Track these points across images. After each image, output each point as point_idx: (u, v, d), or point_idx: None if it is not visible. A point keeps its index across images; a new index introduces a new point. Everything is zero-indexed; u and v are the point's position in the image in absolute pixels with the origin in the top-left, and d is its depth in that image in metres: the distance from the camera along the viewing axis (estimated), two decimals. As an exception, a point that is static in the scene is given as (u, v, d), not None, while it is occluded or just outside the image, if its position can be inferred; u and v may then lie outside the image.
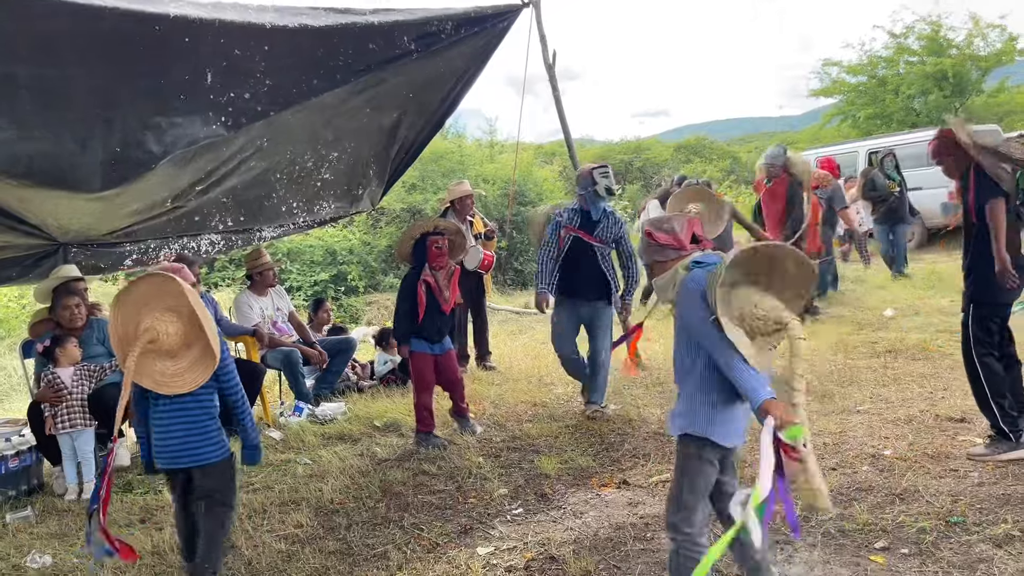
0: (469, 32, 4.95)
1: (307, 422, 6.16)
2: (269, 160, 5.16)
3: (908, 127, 20.71)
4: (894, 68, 23.64)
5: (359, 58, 4.43)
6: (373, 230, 15.04)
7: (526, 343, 8.89)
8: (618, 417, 5.59)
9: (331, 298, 12.99)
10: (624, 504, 4.08)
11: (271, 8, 3.92)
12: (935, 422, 4.85)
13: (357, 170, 6.05)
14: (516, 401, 6.27)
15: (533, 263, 15.80)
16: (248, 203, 5.65)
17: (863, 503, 3.77)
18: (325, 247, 14.10)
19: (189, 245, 6.17)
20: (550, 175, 18.76)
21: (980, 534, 3.34)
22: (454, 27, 4.78)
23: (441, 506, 4.25)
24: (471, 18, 4.89)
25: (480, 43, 5.24)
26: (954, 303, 8.59)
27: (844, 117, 25.56)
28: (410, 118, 5.63)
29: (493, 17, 5.11)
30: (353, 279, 13.83)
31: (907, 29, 23.34)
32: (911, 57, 23.32)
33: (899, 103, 23.01)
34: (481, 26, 5.03)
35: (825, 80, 25.42)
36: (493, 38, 5.30)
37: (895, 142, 15.51)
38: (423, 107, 5.54)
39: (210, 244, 6.18)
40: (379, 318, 12.71)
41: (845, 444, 4.61)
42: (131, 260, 6.08)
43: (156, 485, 4.95)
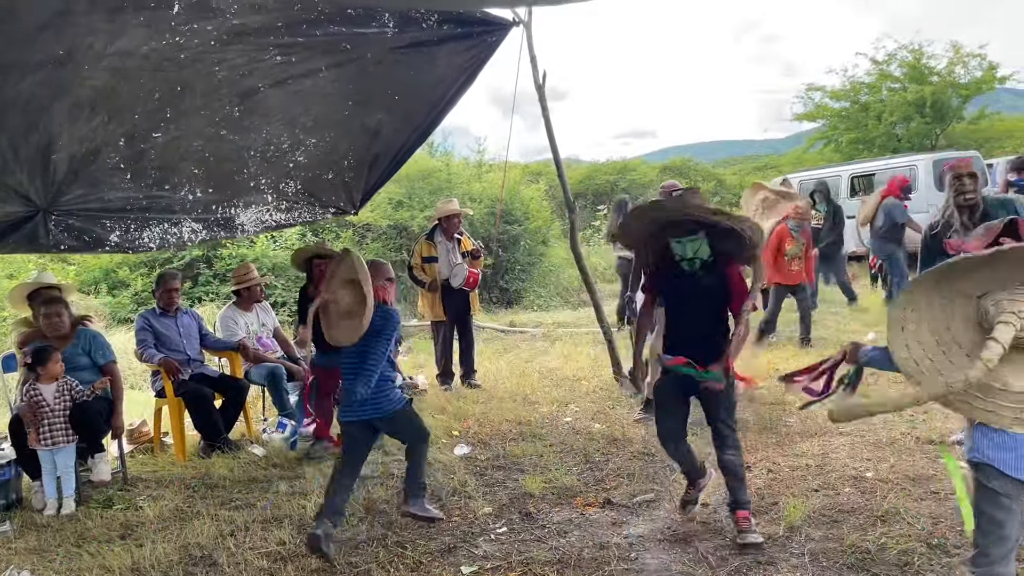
0: (452, 32, 4.94)
1: (291, 439, 6.13)
2: (243, 136, 5.17)
3: (890, 152, 21.01)
4: (876, 94, 24.02)
5: (334, 17, 4.39)
6: (359, 247, 15.02)
7: (511, 361, 8.90)
8: (602, 436, 5.60)
9: (316, 314, 12.94)
10: (608, 524, 4.08)
11: None
12: (916, 444, 4.89)
13: (334, 159, 6.05)
14: (501, 420, 6.26)
15: (519, 281, 15.89)
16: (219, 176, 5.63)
17: (846, 525, 3.79)
18: (309, 259, 14.05)
19: (171, 231, 6.08)
20: (536, 194, 18.83)
21: (961, 556, 3.36)
22: (437, 22, 4.76)
23: (424, 524, 4.23)
24: (457, 18, 4.90)
25: (467, 54, 5.25)
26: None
27: (827, 141, 25.92)
28: (395, 123, 5.64)
29: (480, 26, 5.13)
30: (338, 295, 13.77)
31: (889, 56, 23.76)
32: (893, 84, 23.71)
33: (881, 129, 23.35)
34: (466, 30, 5.03)
35: (809, 105, 25.80)
36: (481, 52, 5.32)
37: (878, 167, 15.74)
38: (408, 113, 5.56)
39: (192, 232, 6.13)
40: (364, 335, 12.67)
41: (828, 466, 4.64)
42: (116, 237, 5.91)
43: (136, 501, 4.91)
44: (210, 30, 4.07)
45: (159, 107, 4.67)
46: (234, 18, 4.03)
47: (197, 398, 5.93)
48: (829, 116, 25.42)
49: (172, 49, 4.12)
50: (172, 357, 6.04)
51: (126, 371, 8.58)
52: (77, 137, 4.61)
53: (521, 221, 16.55)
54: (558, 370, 8.15)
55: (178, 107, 4.73)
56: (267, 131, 5.28)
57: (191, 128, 5.00)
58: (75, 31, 3.67)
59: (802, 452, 4.90)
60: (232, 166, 5.58)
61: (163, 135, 4.93)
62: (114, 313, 12.58)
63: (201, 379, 6.17)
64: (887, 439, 5.02)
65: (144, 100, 4.54)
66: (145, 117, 4.69)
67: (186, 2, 3.78)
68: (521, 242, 16.21)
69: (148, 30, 3.88)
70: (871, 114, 23.73)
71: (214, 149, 5.24)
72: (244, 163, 5.57)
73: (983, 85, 22.50)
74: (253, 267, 6.94)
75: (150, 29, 3.88)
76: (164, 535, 4.28)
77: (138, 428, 6.50)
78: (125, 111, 4.59)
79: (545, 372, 8.13)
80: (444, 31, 4.87)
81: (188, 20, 3.91)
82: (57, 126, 4.40)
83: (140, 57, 4.09)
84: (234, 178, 5.75)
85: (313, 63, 4.77)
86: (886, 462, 4.62)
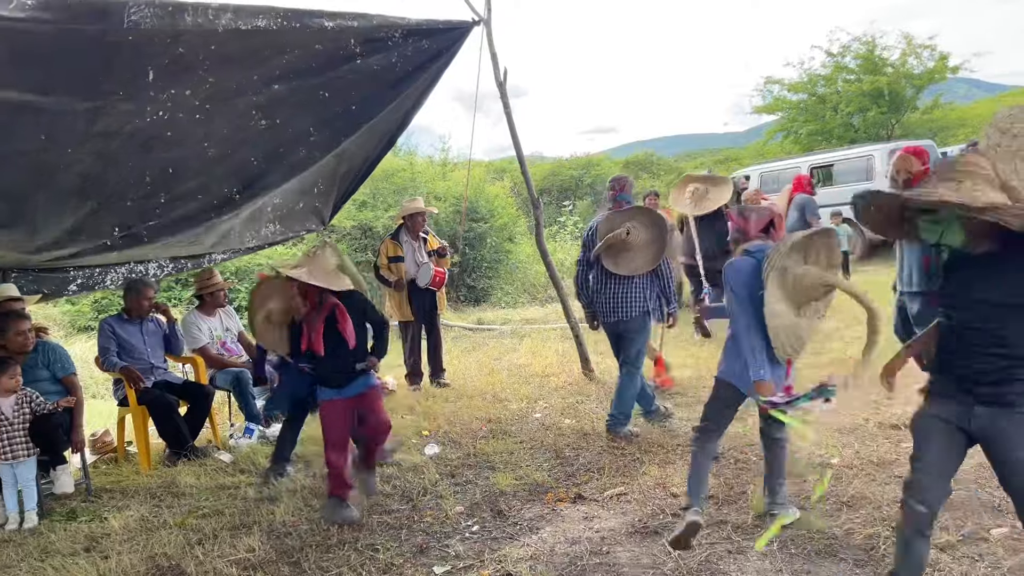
0: (417, 44, 4.92)
1: (258, 444, 6.07)
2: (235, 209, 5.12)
3: (847, 143, 21.35)
4: (832, 86, 24.42)
5: (304, 58, 4.35)
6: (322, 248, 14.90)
7: (480, 359, 8.90)
8: (572, 431, 5.62)
9: (281, 317, 12.81)
10: (580, 518, 4.09)
11: (231, 8, 3.82)
12: (879, 430, 4.98)
13: (305, 189, 6.01)
14: (471, 418, 6.25)
15: (486, 279, 15.88)
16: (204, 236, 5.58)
17: (813, 511, 3.85)
18: (274, 266, 13.91)
19: (136, 269, 6.04)
20: (501, 191, 18.84)
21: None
22: (402, 36, 4.74)
23: (396, 526, 4.21)
24: (422, 29, 4.87)
25: (431, 61, 5.23)
26: (895, 314, 8.85)
27: (786, 133, 26.29)
28: (361, 138, 5.58)
29: (443, 32, 5.12)
30: (303, 297, 13.66)
31: (843, 48, 24.15)
32: (848, 75, 24.10)
33: (838, 120, 23.75)
34: (430, 40, 5.02)
35: (767, 98, 26.16)
36: (445, 56, 5.30)
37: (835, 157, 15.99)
38: (374, 126, 5.50)
39: (159, 268, 6.06)
40: (330, 337, 12.58)
41: (795, 454, 4.70)
42: (75, 285, 5.93)
43: (101, 512, 4.82)
44: (188, 95, 3.99)
45: (152, 192, 4.57)
46: (208, 74, 3.95)
47: (161, 406, 5.84)
48: (787, 108, 25.78)
49: (157, 126, 4.04)
50: (135, 364, 5.93)
51: (87, 380, 8.42)
52: (65, 229, 4.51)
53: (487, 218, 16.55)
54: (527, 367, 8.17)
55: (172, 191, 4.64)
56: (262, 200, 5.20)
57: (187, 212, 4.92)
58: (53, 115, 3.58)
59: (769, 441, 4.96)
60: (218, 235, 5.51)
61: (158, 220, 4.84)
62: (73, 322, 12.35)
63: (165, 386, 6.07)
64: (851, 426, 5.10)
65: (136, 186, 4.44)
66: (138, 204, 4.59)
67: (158, 65, 3.71)
68: (487, 239, 16.21)
69: (129, 104, 3.81)
70: (828, 105, 24.14)
71: (207, 223, 5.16)
72: (232, 228, 5.49)
73: (936, 75, 22.98)
74: (216, 272, 6.84)
75: (130, 103, 3.80)
76: (130, 546, 4.20)
77: (101, 438, 6.38)
78: (115, 198, 4.47)
79: (514, 369, 8.14)
80: (410, 44, 4.84)
81: (165, 86, 3.83)
82: (41, 217, 4.28)
83: (125, 136, 4.00)
84: (219, 237, 5.70)
85: (299, 122, 4.71)
86: (851, 448, 4.70)
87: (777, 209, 3.73)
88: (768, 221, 3.61)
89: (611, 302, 5.45)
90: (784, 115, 26.20)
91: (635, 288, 5.40)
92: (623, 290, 5.42)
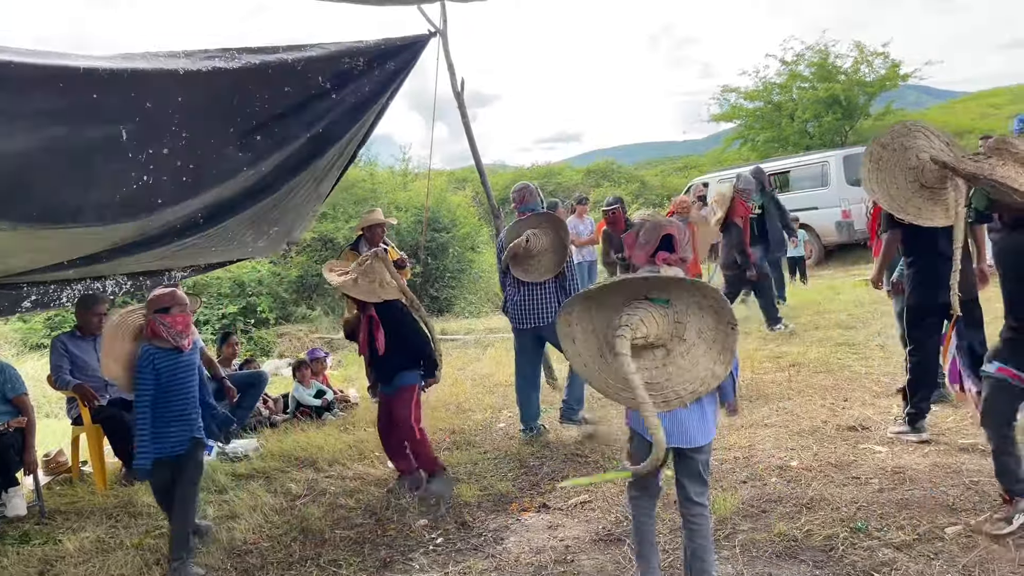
0: (383, 67, 4.94)
1: (217, 461, 5.97)
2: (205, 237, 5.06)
3: (803, 149, 21.74)
4: (788, 94, 24.84)
5: (275, 102, 4.34)
6: (283, 260, 14.75)
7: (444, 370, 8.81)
8: (536, 440, 5.62)
9: (241, 331, 12.65)
10: (544, 528, 4.09)
11: (181, 54, 3.79)
12: (837, 432, 5.06)
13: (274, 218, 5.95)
14: (434, 429, 6.22)
15: (449, 288, 15.85)
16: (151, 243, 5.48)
17: (773, 514, 3.89)
18: (233, 279, 13.74)
19: (93, 286, 5.91)
20: (463, 201, 18.83)
21: (882, 539, 3.50)
22: (367, 62, 4.76)
23: (359, 540, 4.17)
24: (383, 51, 4.88)
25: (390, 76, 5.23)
26: (851, 316, 9.02)
27: (744, 141, 26.66)
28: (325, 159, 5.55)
29: (403, 48, 5.12)
30: (263, 311, 13.51)
31: (797, 57, 24.59)
32: (803, 83, 24.55)
33: (794, 127, 24.16)
34: (394, 60, 5.03)
35: (725, 106, 26.49)
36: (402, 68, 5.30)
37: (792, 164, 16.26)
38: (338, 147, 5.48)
39: (116, 285, 5.94)
40: (292, 350, 12.44)
41: (754, 457, 4.76)
42: (29, 302, 5.78)
43: (55, 534, 4.70)
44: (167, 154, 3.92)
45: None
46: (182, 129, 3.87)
47: (116, 424, 5.71)
48: (744, 116, 26.16)
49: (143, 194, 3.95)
50: (89, 382, 5.80)
51: (40, 399, 8.23)
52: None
53: (449, 228, 16.53)
54: (491, 376, 8.16)
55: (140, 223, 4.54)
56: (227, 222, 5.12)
57: (150, 236, 4.81)
58: None
59: (730, 445, 5.01)
60: (181, 255, 5.43)
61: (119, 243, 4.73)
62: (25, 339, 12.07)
63: (120, 403, 5.93)
64: (809, 428, 5.18)
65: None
66: None
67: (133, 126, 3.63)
68: (449, 249, 16.19)
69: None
70: (784, 113, 24.56)
71: (169, 246, 5.07)
72: (196, 248, 5.40)
73: (887, 82, 23.50)
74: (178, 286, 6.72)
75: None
76: (85, 569, 4.10)
77: (55, 458, 6.23)
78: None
79: (478, 379, 8.12)
80: (375, 69, 4.86)
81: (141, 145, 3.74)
82: None
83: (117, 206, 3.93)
84: (182, 257, 5.61)
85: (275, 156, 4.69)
86: (809, 450, 4.76)
87: (678, 224, 3.04)
88: (656, 244, 2.92)
89: (526, 308, 5.60)
90: (741, 123, 26.58)
91: (547, 293, 5.55)
92: (535, 296, 5.57)
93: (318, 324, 13.79)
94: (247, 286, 13.84)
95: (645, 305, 2.52)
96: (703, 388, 2.60)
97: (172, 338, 3.88)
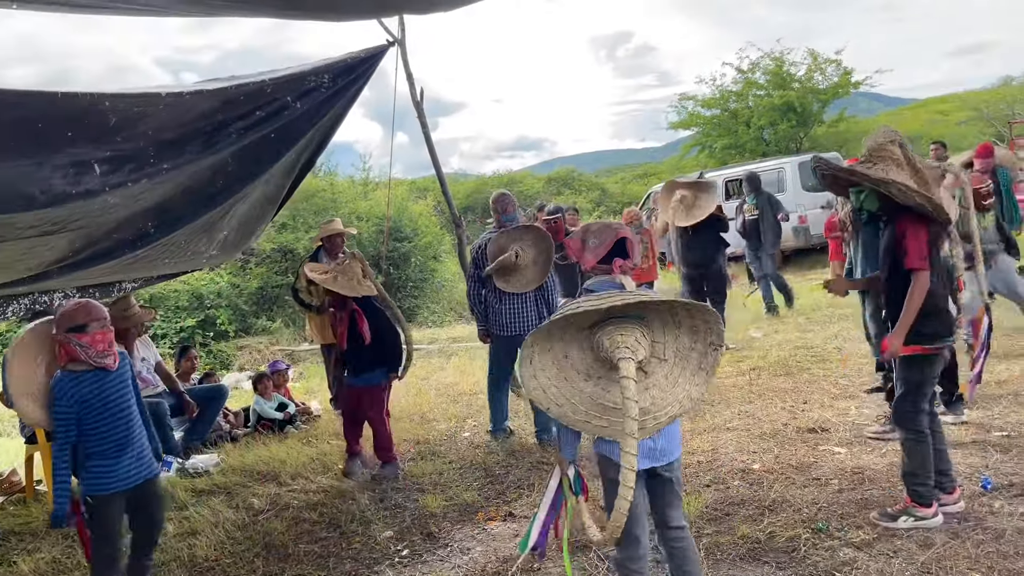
0: (345, 81, 4.99)
1: (177, 477, 5.85)
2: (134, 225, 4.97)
3: (760, 156, 22.11)
4: (744, 101, 25.24)
5: (245, 121, 4.37)
6: (242, 272, 14.57)
7: (407, 380, 8.75)
8: (501, 448, 5.61)
9: (199, 344, 12.45)
10: (510, 536, 4.09)
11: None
12: (797, 434, 5.14)
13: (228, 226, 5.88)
14: (399, 440, 6.16)
15: (412, 298, 15.78)
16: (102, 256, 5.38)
17: (736, 517, 3.94)
18: (191, 291, 13.53)
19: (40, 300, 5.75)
20: (425, 210, 18.78)
21: (843, 539, 3.56)
22: (331, 79, 4.81)
23: (324, 555, 4.12)
24: (347, 66, 4.93)
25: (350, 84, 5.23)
26: (809, 320, 9.18)
27: (702, 148, 27.04)
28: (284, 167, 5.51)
29: (364, 61, 5.15)
30: (222, 323, 13.32)
31: (753, 65, 25.02)
32: (759, 91, 24.98)
33: (750, 134, 24.56)
34: (355, 73, 5.07)
35: (682, 113, 26.84)
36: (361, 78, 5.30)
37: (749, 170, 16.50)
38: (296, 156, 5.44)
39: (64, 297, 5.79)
40: (252, 363, 12.28)
41: (717, 461, 4.81)
42: None
43: (9, 556, 4.57)
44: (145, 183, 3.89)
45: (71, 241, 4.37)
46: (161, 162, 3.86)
47: (72, 441, 5.57)
48: (702, 124, 26.52)
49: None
50: (42, 400, 5.65)
51: (-9, 418, 8.00)
52: None
53: (411, 237, 16.48)
54: (455, 385, 8.13)
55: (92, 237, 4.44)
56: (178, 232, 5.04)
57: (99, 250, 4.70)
58: None
59: (694, 449, 5.06)
60: (132, 267, 5.33)
61: (71, 259, 4.61)
62: (-25, 356, 11.71)
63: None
64: (771, 431, 5.25)
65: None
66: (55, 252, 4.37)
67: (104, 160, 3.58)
68: (412, 259, 16.13)
69: None
70: (740, 120, 24.95)
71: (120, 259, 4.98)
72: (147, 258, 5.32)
73: (840, 90, 24.04)
74: (133, 301, 6.58)
75: None
76: (40, 592, 4.00)
77: (8, 478, 6.05)
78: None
79: (442, 388, 8.09)
80: (338, 83, 4.87)
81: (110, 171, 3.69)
82: None
83: None
84: (132, 269, 5.51)
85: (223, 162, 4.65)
86: (771, 453, 4.83)
87: (629, 228, 2.93)
88: (610, 247, 2.79)
89: (506, 317, 5.66)
90: (699, 130, 26.95)
91: (528, 303, 5.63)
92: (516, 306, 5.64)
93: (279, 336, 13.63)
94: (206, 298, 13.63)
95: (630, 323, 2.33)
96: (679, 410, 2.49)
97: (92, 360, 3.28)
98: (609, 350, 2.29)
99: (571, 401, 2.45)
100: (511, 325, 5.66)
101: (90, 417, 3.30)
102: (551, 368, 2.43)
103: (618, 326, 2.32)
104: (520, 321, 5.64)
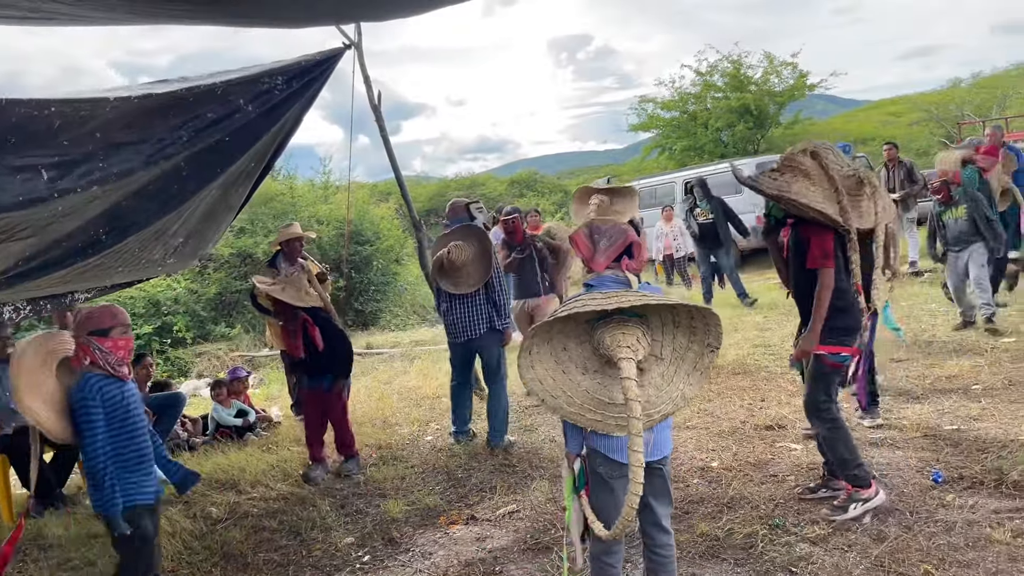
0: (300, 83, 4.94)
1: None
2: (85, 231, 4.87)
3: (718, 157, 22.39)
4: (702, 104, 25.56)
5: (195, 124, 4.31)
6: (200, 277, 14.34)
7: (369, 384, 8.75)
8: (464, 452, 5.60)
9: (156, 352, 12.23)
10: (472, 540, 4.08)
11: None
12: (755, 432, 5.21)
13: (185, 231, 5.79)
14: (360, 445, 6.12)
15: (374, 302, 15.67)
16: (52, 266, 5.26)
17: (696, 515, 3.98)
18: (147, 297, 13.28)
19: None
20: (387, 213, 18.68)
21: (799, 534, 3.62)
22: (285, 81, 4.76)
23: (283, 563, 4.08)
24: (301, 68, 4.88)
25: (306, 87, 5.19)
26: (767, 319, 9.31)
27: (662, 150, 27.32)
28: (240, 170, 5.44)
29: (320, 64, 5.11)
30: (180, 330, 13.09)
31: (711, 68, 25.34)
32: (716, 93, 25.32)
33: (709, 135, 24.88)
34: (310, 75, 5.03)
35: (643, 116, 27.07)
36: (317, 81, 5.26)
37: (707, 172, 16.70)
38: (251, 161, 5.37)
39: (14, 310, 5.65)
40: (211, 369, 12.10)
41: (677, 459, 4.85)
42: None
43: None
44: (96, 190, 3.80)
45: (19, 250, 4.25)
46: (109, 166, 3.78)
47: (23, 452, 5.42)
48: (661, 126, 26.80)
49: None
50: (-8, 411, 5.52)
51: (-62, 431, 7.76)
52: None
53: (372, 241, 16.37)
54: (418, 389, 8.10)
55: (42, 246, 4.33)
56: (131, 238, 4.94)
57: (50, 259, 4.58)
58: None
59: (654, 449, 5.10)
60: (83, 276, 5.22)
61: (18, 269, 4.49)
62: (-78, 367, 11.37)
63: (27, 431, 5.65)
64: (729, 429, 5.31)
65: None
66: None
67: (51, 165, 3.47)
68: (373, 262, 16.03)
69: None
70: (699, 122, 25.26)
71: (71, 267, 4.86)
72: (100, 267, 5.21)
73: (796, 92, 24.46)
74: (89, 308, 6.44)
75: None
76: (-10, 608, 3.89)
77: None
78: None
79: (404, 392, 8.05)
80: (293, 85, 4.82)
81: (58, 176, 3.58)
82: None
83: None
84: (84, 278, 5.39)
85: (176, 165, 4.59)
86: (729, 451, 4.89)
87: (633, 235, 2.89)
88: (622, 248, 2.79)
89: (460, 322, 5.68)
90: (659, 132, 27.22)
91: (477, 305, 5.64)
92: (467, 309, 5.66)
93: (239, 342, 13.44)
94: (162, 305, 13.39)
95: (632, 322, 2.37)
96: (672, 408, 2.55)
97: (111, 366, 3.22)
98: (610, 348, 2.34)
99: (567, 393, 2.49)
100: (464, 332, 5.69)
101: (115, 424, 3.21)
102: (549, 360, 2.48)
103: (620, 324, 2.36)
104: (472, 327, 5.66)
